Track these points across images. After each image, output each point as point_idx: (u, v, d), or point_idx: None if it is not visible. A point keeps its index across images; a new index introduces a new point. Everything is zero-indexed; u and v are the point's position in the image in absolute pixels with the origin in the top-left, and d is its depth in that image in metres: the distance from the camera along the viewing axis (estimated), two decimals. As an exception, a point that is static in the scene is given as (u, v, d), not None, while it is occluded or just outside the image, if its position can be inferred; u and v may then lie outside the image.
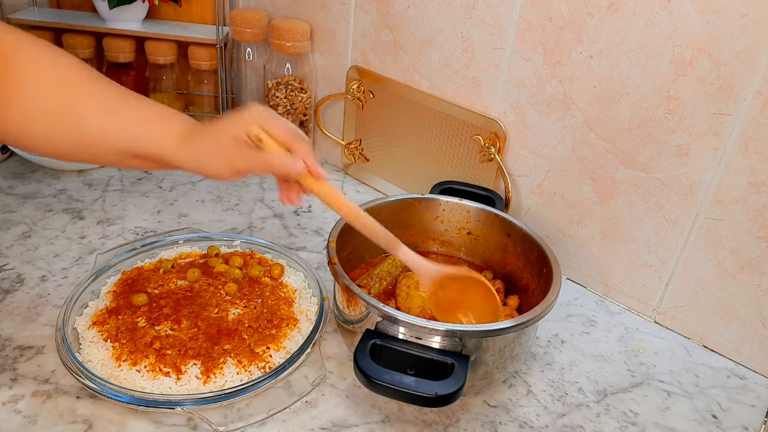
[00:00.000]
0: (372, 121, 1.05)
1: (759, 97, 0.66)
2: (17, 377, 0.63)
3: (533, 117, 0.84)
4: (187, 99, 1.22)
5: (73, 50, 1.12)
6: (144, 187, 1.01)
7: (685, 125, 0.71)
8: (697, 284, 0.77)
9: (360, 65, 1.03)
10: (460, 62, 0.89)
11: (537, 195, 0.88)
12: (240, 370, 0.63)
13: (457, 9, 0.87)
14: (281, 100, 1.08)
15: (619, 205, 0.80)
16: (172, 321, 0.67)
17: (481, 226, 0.82)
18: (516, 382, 0.70)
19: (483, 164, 0.91)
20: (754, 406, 0.70)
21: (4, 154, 1.04)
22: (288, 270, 0.79)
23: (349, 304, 0.65)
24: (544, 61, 0.80)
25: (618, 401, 0.69)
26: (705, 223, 0.74)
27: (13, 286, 0.76)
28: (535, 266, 0.74)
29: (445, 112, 0.93)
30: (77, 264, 0.81)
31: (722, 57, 0.67)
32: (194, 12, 1.20)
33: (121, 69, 1.16)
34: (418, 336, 0.60)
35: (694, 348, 0.78)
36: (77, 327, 0.68)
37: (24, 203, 0.93)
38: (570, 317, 0.81)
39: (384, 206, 0.80)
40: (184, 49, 1.15)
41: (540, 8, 0.79)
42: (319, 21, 1.06)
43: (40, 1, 1.18)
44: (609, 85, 0.76)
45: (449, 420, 0.64)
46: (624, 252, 0.82)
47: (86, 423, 0.59)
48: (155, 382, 0.61)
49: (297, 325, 0.70)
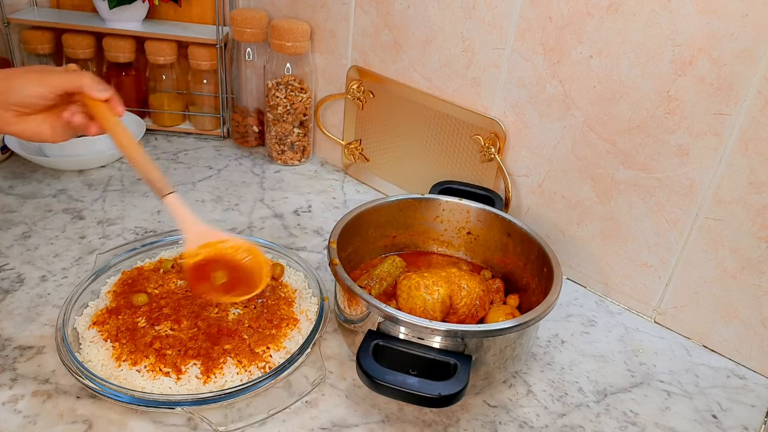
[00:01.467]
0: (372, 121, 1.05)
1: (759, 97, 0.66)
2: (17, 377, 0.63)
3: (533, 117, 0.84)
4: (187, 99, 1.22)
5: (73, 50, 1.12)
6: (144, 187, 1.01)
7: (685, 125, 0.71)
8: (697, 284, 0.77)
9: (360, 65, 1.03)
10: (460, 62, 0.89)
11: (537, 195, 0.88)
12: (240, 370, 0.63)
13: (457, 9, 0.87)
14: (281, 100, 1.08)
15: (619, 205, 0.80)
16: (172, 321, 0.67)
17: (481, 225, 0.82)
18: (516, 382, 0.70)
19: (483, 164, 0.91)
20: (754, 406, 0.70)
21: (4, 154, 1.04)
22: (288, 270, 0.79)
23: (350, 304, 0.65)
24: (544, 61, 0.80)
25: (618, 401, 0.69)
26: (705, 223, 0.74)
27: (13, 286, 0.76)
28: (535, 266, 0.74)
29: (445, 112, 0.93)
30: (77, 264, 0.81)
31: (722, 57, 0.67)
32: (194, 12, 1.20)
33: (121, 69, 1.16)
34: (420, 336, 0.60)
35: (694, 348, 0.78)
36: (77, 327, 0.68)
37: (24, 203, 0.93)
38: (570, 317, 0.81)
39: (384, 206, 0.80)
40: (184, 49, 1.15)
41: (540, 8, 0.79)
42: (319, 21, 1.06)
43: (40, 1, 1.18)
44: (609, 85, 0.76)
45: (449, 420, 0.64)
46: (624, 252, 0.82)
47: (86, 423, 0.59)
48: (155, 382, 0.61)
49: (297, 325, 0.70)
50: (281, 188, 1.06)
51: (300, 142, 1.13)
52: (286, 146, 1.13)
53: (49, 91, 0.62)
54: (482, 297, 0.71)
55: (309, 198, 1.04)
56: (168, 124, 1.21)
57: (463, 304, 0.69)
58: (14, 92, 0.61)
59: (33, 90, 0.62)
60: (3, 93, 0.61)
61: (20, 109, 0.62)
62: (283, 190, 1.06)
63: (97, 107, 0.64)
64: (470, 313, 0.70)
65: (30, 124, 0.64)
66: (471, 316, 0.70)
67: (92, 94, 0.64)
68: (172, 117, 1.21)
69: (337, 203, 1.04)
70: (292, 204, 1.02)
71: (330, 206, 1.02)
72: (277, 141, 1.12)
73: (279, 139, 1.12)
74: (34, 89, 0.62)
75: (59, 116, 0.65)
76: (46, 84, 0.62)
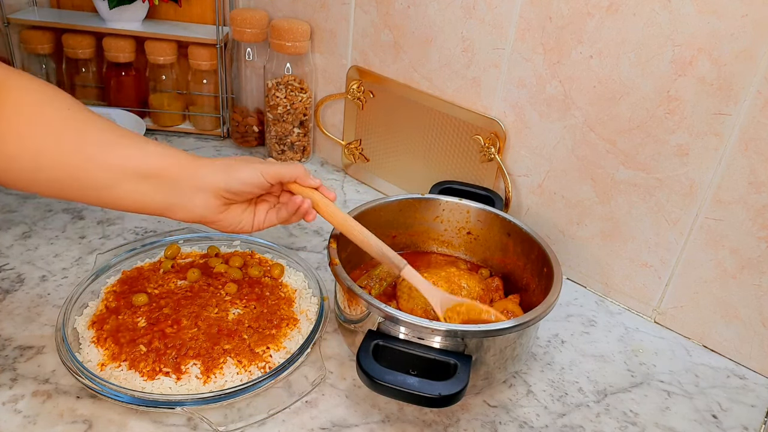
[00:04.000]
0: (372, 121, 1.05)
1: (759, 97, 0.66)
2: (17, 377, 0.63)
3: (533, 117, 0.84)
4: (187, 99, 1.22)
5: (73, 50, 1.12)
6: (144, 187, 1.01)
7: (685, 125, 0.71)
8: (697, 284, 0.77)
9: (360, 65, 1.03)
10: (460, 62, 0.89)
11: (537, 195, 0.88)
12: (240, 370, 0.63)
13: (457, 9, 0.87)
14: (281, 100, 1.08)
15: (619, 205, 0.80)
16: (172, 321, 0.67)
17: (481, 225, 0.82)
18: (516, 382, 0.70)
19: (483, 164, 0.91)
20: (754, 406, 0.70)
21: (3, 154, 1.03)
22: (288, 270, 0.79)
23: (350, 304, 0.65)
24: (544, 61, 0.80)
25: (618, 401, 0.69)
26: (705, 223, 0.74)
27: (13, 286, 0.76)
28: (535, 266, 0.74)
29: (445, 112, 0.93)
30: (77, 264, 0.81)
31: (722, 57, 0.67)
32: (194, 12, 1.20)
33: (121, 69, 1.16)
34: (420, 336, 0.60)
35: (694, 348, 0.78)
36: (77, 327, 0.68)
37: (24, 203, 0.93)
38: (570, 317, 0.81)
39: (384, 206, 0.80)
40: (184, 49, 1.15)
41: (540, 8, 0.79)
42: (319, 21, 1.06)
43: (40, 1, 1.18)
44: (609, 85, 0.76)
45: (449, 420, 0.64)
46: (624, 252, 0.82)
47: (86, 423, 0.59)
48: (155, 382, 0.61)
49: (297, 325, 0.70)
50: (281, 188, 1.06)
51: (300, 142, 1.13)
52: (286, 146, 1.13)
53: (267, 180, 0.64)
54: (482, 296, 0.71)
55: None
56: (168, 124, 1.21)
57: (464, 304, 0.69)
58: (234, 180, 0.62)
59: (253, 178, 0.63)
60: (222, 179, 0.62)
61: (233, 197, 0.63)
62: (283, 190, 1.06)
63: (311, 195, 0.67)
64: (470, 313, 0.70)
65: (234, 214, 0.65)
66: (471, 316, 0.70)
67: (308, 183, 0.67)
68: (172, 117, 1.21)
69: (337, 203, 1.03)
70: (292, 204, 1.01)
71: (330, 206, 1.02)
72: (277, 141, 1.12)
73: (279, 139, 1.12)
74: (254, 177, 0.63)
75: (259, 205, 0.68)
76: (265, 173, 0.63)
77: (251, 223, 0.67)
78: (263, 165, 0.64)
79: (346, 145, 1.11)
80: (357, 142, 1.09)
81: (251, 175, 0.63)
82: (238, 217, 0.66)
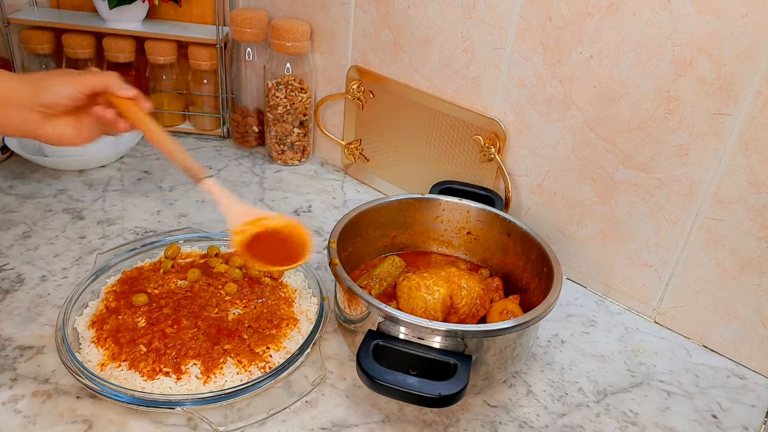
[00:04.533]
0: (372, 121, 1.05)
1: (759, 97, 0.66)
2: (17, 377, 0.63)
3: (533, 117, 0.84)
4: (187, 99, 1.22)
5: (73, 50, 1.12)
6: (144, 187, 1.01)
7: (685, 125, 0.71)
8: (697, 284, 0.77)
9: (360, 65, 1.03)
10: (460, 62, 0.89)
11: (537, 195, 0.88)
12: (240, 370, 0.63)
13: (457, 9, 0.87)
14: (281, 100, 1.08)
15: (619, 205, 0.80)
16: (172, 321, 0.67)
17: (481, 225, 0.82)
18: (516, 382, 0.70)
19: (483, 164, 0.91)
20: (754, 406, 0.70)
21: (4, 154, 1.04)
22: (288, 270, 0.79)
23: (350, 304, 0.65)
24: (544, 61, 0.80)
25: (618, 401, 0.69)
26: (705, 223, 0.74)
27: (13, 286, 0.76)
28: (535, 266, 0.74)
29: (445, 112, 0.93)
30: (77, 264, 0.81)
31: (722, 57, 0.67)
32: (194, 12, 1.20)
33: (121, 69, 1.16)
34: (420, 336, 0.60)
35: (694, 348, 0.78)
36: (77, 327, 0.68)
37: (24, 203, 0.93)
38: (570, 317, 0.81)
39: (384, 206, 0.80)
40: (184, 49, 1.15)
41: (540, 8, 0.79)
42: (319, 21, 1.06)
43: (40, 1, 1.18)
44: (609, 85, 0.76)
45: (449, 420, 0.64)
46: (624, 252, 0.82)
47: (86, 423, 0.59)
48: (155, 382, 0.61)
49: (297, 325, 0.70)
50: (281, 188, 1.06)
51: (300, 142, 1.13)
52: (286, 146, 1.13)
53: (78, 91, 0.63)
54: (482, 296, 0.71)
55: (309, 198, 1.04)
56: (168, 124, 1.21)
57: (464, 303, 0.69)
58: (45, 93, 0.62)
59: (63, 90, 0.63)
60: (33, 94, 0.62)
61: (48, 110, 0.63)
62: (283, 190, 1.06)
63: (125, 105, 0.65)
64: (471, 313, 0.70)
65: (55, 126, 0.65)
66: (472, 315, 0.70)
67: (119, 93, 0.65)
68: (172, 117, 1.21)
69: (337, 203, 1.04)
70: (292, 204, 1.02)
71: (330, 206, 1.02)
72: (277, 141, 1.12)
73: (279, 139, 1.12)
74: (64, 89, 0.63)
75: (83, 117, 0.66)
76: (76, 84, 0.63)
77: (76, 135, 0.66)
78: (76, 76, 0.64)
79: (346, 145, 1.11)
80: (357, 142, 1.09)
81: (62, 86, 0.63)
82: (59, 129, 0.65)
